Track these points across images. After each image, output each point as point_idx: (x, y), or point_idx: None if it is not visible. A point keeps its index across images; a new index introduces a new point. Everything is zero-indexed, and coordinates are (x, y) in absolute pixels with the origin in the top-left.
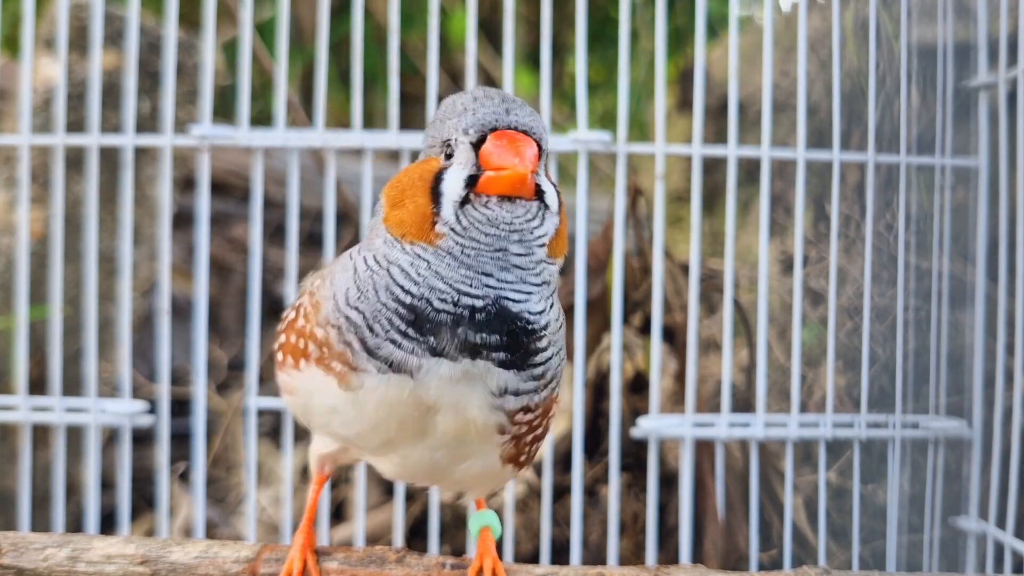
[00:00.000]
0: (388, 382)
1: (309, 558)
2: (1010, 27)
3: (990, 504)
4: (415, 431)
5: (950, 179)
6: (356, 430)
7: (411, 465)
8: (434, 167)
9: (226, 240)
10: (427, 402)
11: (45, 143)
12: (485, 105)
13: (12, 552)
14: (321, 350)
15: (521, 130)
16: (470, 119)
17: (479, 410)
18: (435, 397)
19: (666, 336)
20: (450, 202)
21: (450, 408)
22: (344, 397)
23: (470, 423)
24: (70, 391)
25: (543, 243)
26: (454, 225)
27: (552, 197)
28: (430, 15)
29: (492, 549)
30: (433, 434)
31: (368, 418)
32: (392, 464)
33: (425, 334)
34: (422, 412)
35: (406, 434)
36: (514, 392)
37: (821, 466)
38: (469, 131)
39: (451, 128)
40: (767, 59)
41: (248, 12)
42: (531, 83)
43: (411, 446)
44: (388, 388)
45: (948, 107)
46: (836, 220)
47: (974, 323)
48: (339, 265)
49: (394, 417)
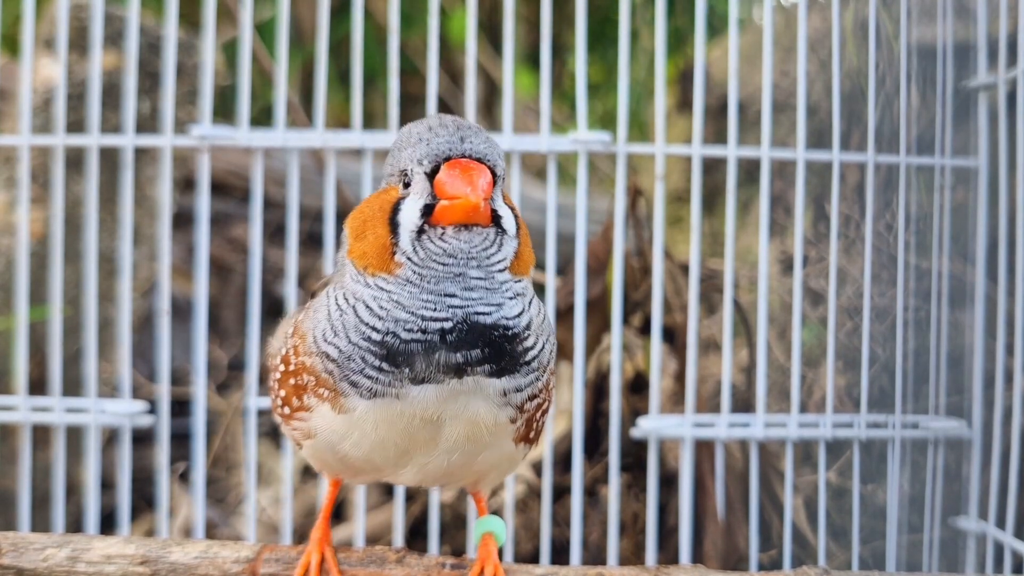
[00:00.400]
0: (376, 405)
1: (327, 551)
2: (1010, 27)
3: (990, 504)
4: (425, 441)
5: (950, 179)
6: (367, 449)
7: (431, 471)
8: (392, 197)
9: (226, 240)
10: (427, 416)
11: (45, 143)
12: (439, 134)
13: (12, 552)
14: (313, 378)
15: (475, 158)
16: (424, 149)
17: (487, 412)
18: (433, 412)
19: (666, 336)
20: (407, 232)
21: (455, 418)
22: (341, 420)
23: (480, 425)
24: (70, 391)
25: (502, 267)
26: (411, 255)
27: (509, 222)
28: (430, 15)
29: (494, 555)
30: (446, 440)
31: (372, 437)
32: (412, 474)
33: (400, 366)
34: (426, 424)
35: (417, 445)
36: (516, 389)
37: (821, 466)
38: (423, 161)
39: (407, 158)
40: (767, 59)
41: (248, 12)
42: (531, 83)
43: (425, 455)
44: (379, 410)
45: (948, 107)
46: (836, 220)
47: (974, 323)
48: (318, 300)
49: (396, 433)
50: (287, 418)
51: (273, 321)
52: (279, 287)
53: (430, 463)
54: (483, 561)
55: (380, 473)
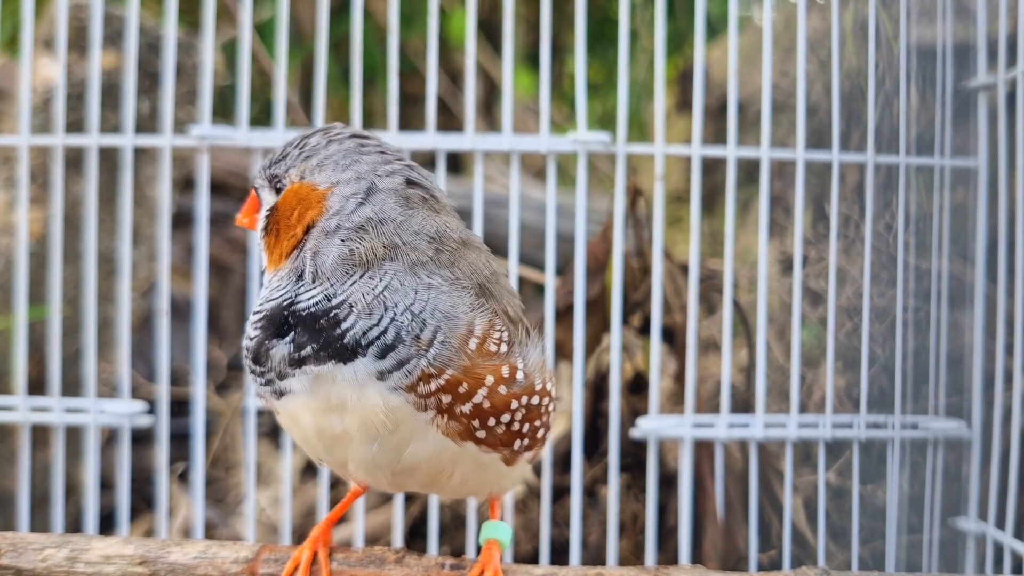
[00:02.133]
0: (282, 403)
1: (320, 551)
2: (1009, 27)
3: (989, 505)
4: (343, 430)
5: (949, 180)
6: (302, 441)
7: (367, 466)
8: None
9: (225, 240)
10: (323, 407)
11: (44, 144)
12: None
13: (11, 552)
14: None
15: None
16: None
17: (375, 397)
18: (325, 403)
19: (666, 336)
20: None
21: (348, 406)
22: (282, 420)
23: (374, 410)
24: (69, 391)
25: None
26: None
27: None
28: (430, 15)
29: (496, 560)
30: (357, 430)
31: (297, 429)
32: (357, 470)
33: (261, 363)
34: (330, 413)
35: (338, 436)
36: (387, 370)
37: (820, 467)
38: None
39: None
40: (766, 59)
41: (247, 12)
42: (531, 83)
43: (349, 447)
44: (286, 406)
45: (947, 108)
46: (835, 220)
47: (974, 323)
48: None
49: (312, 425)
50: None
51: None
52: None
53: (357, 455)
54: (484, 564)
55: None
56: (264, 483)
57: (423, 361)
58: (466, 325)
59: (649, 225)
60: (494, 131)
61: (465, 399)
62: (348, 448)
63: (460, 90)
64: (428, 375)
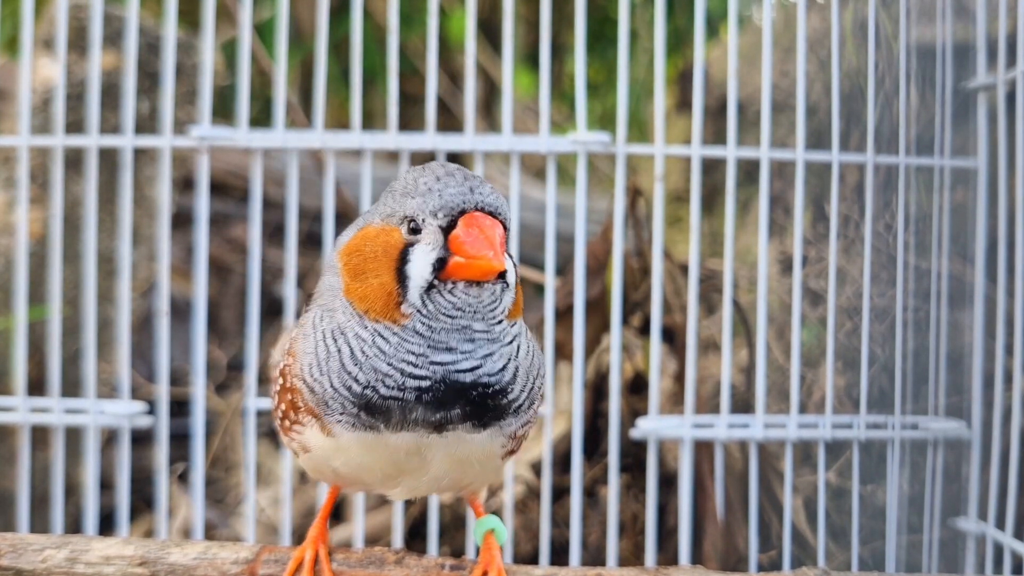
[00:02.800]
0: (358, 437)
1: (321, 549)
2: (1009, 27)
3: (989, 505)
4: (413, 468)
5: (949, 180)
6: (354, 469)
7: (420, 490)
8: (398, 242)
9: (225, 240)
10: (411, 451)
11: (44, 144)
12: (450, 185)
13: (11, 553)
14: (303, 402)
15: (488, 211)
16: (438, 201)
17: (479, 447)
18: (417, 449)
19: (665, 336)
20: (417, 286)
21: (442, 450)
22: (330, 442)
23: (470, 458)
24: (69, 392)
25: (501, 319)
26: (420, 308)
27: (511, 275)
28: (429, 15)
29: (498, 559)
30: (436, 468)
31: (358, 461)
32: (401, 492)
33: (375, 416)
34: (412, 456)
35: (404, 472)
36: (506, 427)
37: (820, 467)
38: (438, 214)
39: (416, 207)
40: (766, 59)
41: (247, 12)
42: (530, 83)
43: (415, 478)
44: (362, 442)
45: (947, 108)
46: (835, 220)
47: (973, 323)
48: (309, 325)
49: (381, 461)
50: (286, 430)
51: (272, 321)
52: (278, 287)
53: (419, 485)
54: (486, 564)
55: (371, 488)
56: (264, 483)
57: (532, 409)
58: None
59: (649, 225)
60: (494, 131)
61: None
62: (411, 479)
63: (460, 90)
64: (526, 422)
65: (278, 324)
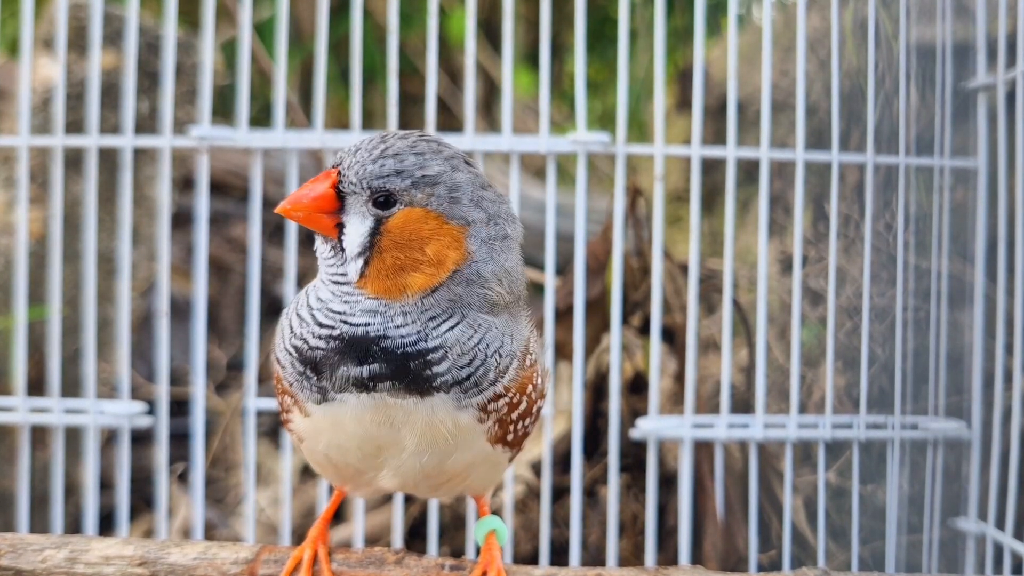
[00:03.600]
0: (325, 410)
1: (321, 549)
2: (1009, 27)
3: (989, 505)
4: (391, 442)
5: (949, 180)
6: (335, 450)
7: (407, 473)
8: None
9: (225, 240)
10: (379, 420)
11: (44, 144)
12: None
13: (10, 553)
14: (282, 380)
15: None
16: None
17: (445, 415)
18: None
19: (665, 336)
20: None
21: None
22: (308, 423)
23: (439, 427)
24: (69, 392)
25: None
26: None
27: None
28: (429, 14)
29: (498, 559)
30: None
31: (335, 438)
32: (391, 477)
33: (314, 373)
34: (382, 425)
35: (383, 446)
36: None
37: (820, 467)
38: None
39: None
40: (766, 59)
41: (247, 12)
42: (530, 83)
43: (396, 457)
44: (331, 414)
45: (947, 108)
46: (835, 220)
47: (974, 323)
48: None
49: (356, 436)
50: (285, 423)
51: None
52: (278, 287)
53: (403, 464)
54: (486, 565)
55: (364, 476)
56: (264, 483)
57: (499, 385)
58: (526, 343)
59: (649, 225)
60: (494, 131)
61: (516, 408)
62: (393, 458)
63: (460, 90)
64: (498, 395)
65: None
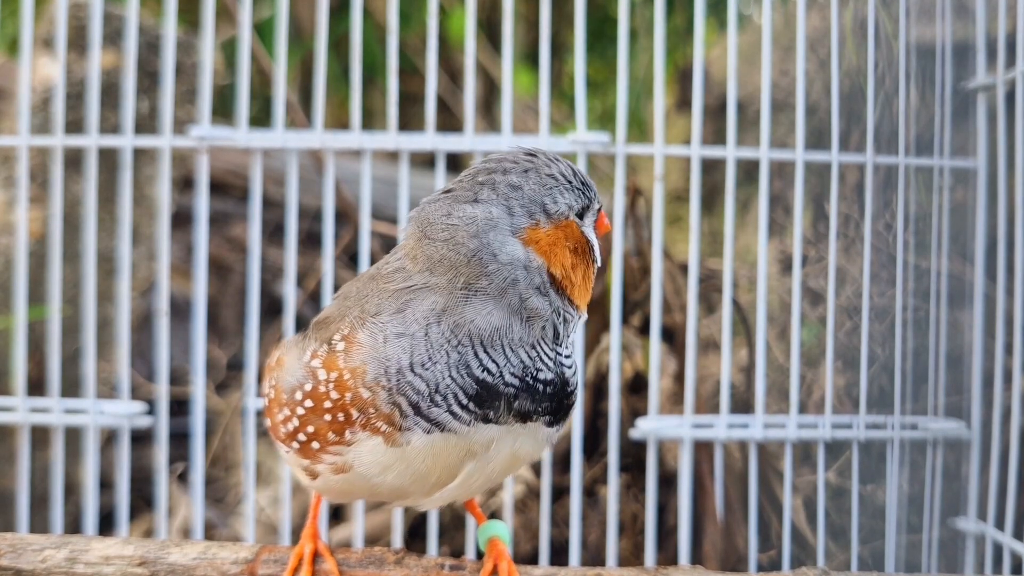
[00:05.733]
0: (433, 440)
1: (321, 544)
2: (1009, 27)
3: (989, 505)
4: (467, 471)
5: (949, 180)
6: (408, 480)
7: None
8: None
9: (225, 240)
10: (475, 451)
11: (44, 144)
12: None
13: (10, 553)
14: (366, 412)
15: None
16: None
17: (533, 449)
18: (485, 447)
19: (665, 336)
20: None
21: (500, 452)
22: (392, 453)
23: (520, 460)
24: (69, 392)
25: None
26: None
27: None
28: (429, 14)
29: (507, 552)
30: (489, 471)
31: (418, 469)
32: (437, 501)
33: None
34: (471, 457)
35: (457, 475)
36: (557, 431)
37: (820, 466)
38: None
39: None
40: (766, 58)
41: (247, 11)
42: (530, 82)
43: (460, 484)
44: (434, 444)
45: (947, 108)
46: (835, 220)
47: (973, 323)
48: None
49: (441, 465)
50: (314, 453)
51: (272, 321)
52: (278, 286)
53: (458, 492)
54: (496, 559)
55: (404, 501)
56: (264, 483)
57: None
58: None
59: (649, 225)
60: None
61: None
62: (451, 485)
63: (460, 89)
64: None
65: (278, 324)
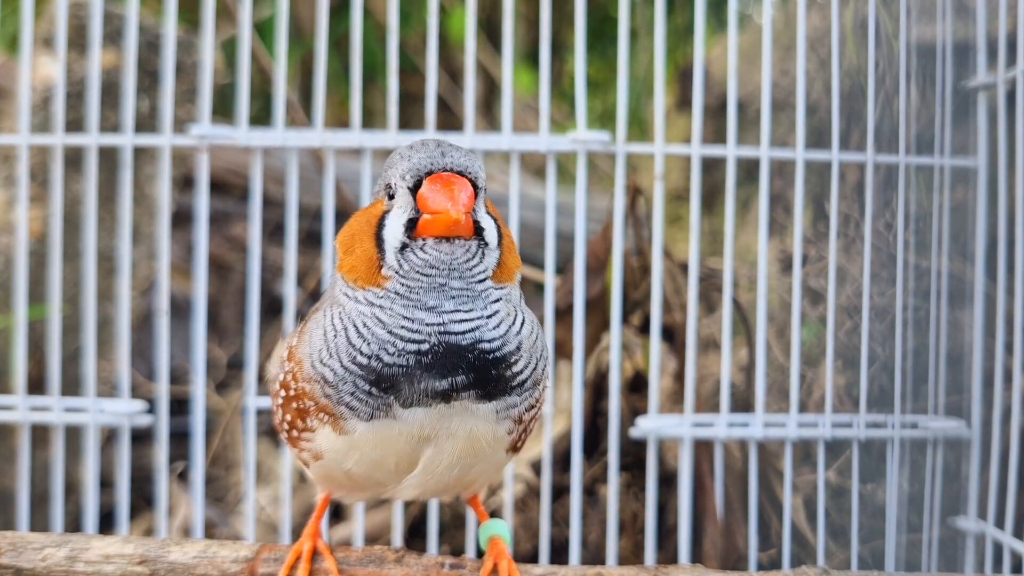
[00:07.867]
0: (375, 427)
1: (320, 542)
2: (1009, 27)
3: (989, 504)
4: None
5: (949, 179)
6: (368, 467)
7: (430, 486)
8: (378, 211)
9: (225, 239)
10: (424, 435)
11: (44, 143)
12: (420, 151)
13: (10, 552)
14: (313, 403)
15: (456, 171)
16: (406, 165)
17: (486, 428)
18: (429, 432)
19: (665, 335)
20: (391, 247)
21: (453, 435)
22: (343, 440)
23: (480, 440)
24: (69, 391)
25: (483, 278)
26: (397, 268)
27: (491, 233)
28: (429, 13)
29: (507, 551)
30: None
31: (372, 456)
32: (412, 490)
33: (387, 391)
34: (423, 442)
35: (416, 462)
36: (512, 405)
37: (820, 466)
38: (406, 176)
39: (392, 174)
40: (766, 58)
41: (247, 11)
42: (530, 82)
43: (426, 471)
44: (376, 431)
45: (947, 107)
46: (835, 219)
47: (973, 322)
48: (313, 321)
49: (394, 452)
50: (295, 440)
51: (272, 320)
52: (278, 286)
53: (430, 479)
54: (496, 557)
55: (383, 489)
56: (264, 482)
57: (535, 394)
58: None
59: (649, 224)
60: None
61: (536, 419)
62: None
63: (460, 88)
64: (531, 405)
65: (278, 323)
